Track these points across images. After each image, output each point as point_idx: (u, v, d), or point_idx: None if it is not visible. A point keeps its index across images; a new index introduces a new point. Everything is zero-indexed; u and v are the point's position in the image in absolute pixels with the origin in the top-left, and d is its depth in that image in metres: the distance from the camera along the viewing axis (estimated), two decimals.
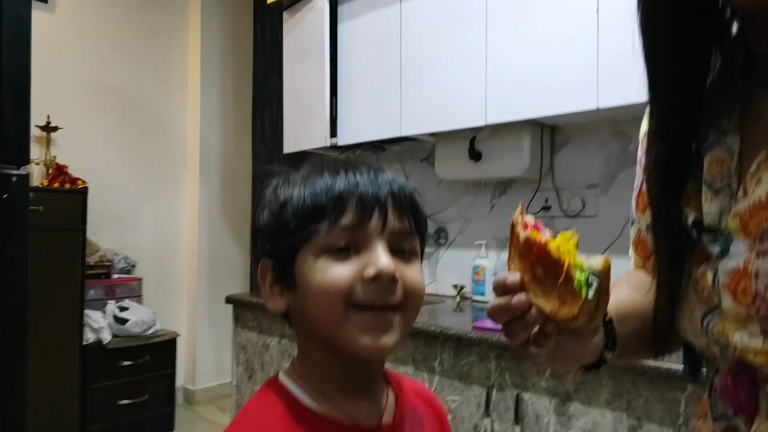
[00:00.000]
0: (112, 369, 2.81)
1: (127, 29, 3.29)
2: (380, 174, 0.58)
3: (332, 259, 0.54)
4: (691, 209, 0.55)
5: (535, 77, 1.82)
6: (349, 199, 0.55)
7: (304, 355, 0.60)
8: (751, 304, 0.47)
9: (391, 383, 0.64)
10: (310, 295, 0.55)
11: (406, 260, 0.57)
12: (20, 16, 1.19)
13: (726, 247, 0.50)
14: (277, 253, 0.57)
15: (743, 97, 0.54)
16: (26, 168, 1.19)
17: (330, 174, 0.57)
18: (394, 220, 0.56)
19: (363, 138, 2.38)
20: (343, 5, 2.43)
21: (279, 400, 0.57)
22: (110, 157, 3.21)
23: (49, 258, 2.56)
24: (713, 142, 0.54)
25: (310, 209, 0.55)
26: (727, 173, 0.52)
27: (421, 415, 0.64)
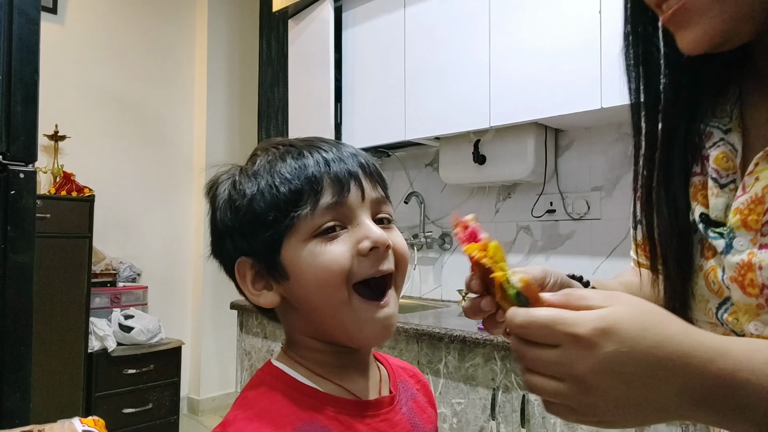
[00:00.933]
0: (117, 377, 2.81)
1: (135, 40, 3.34)
2: (343, 148, 0.58)
3: (323, 241, 0.54)
4: (698, 203, 0.56)
5: (538, 79, 1.83)
6: (323, 177, 0.54)
7: (296, 343, 0.59)
8: (759, 295, 0.49)
9: (380, 361, 0.65)
10: (308, 281, 0.54)
11: (387, 227, 0.58)
12: (30, 17, 1.21)
13: (730, 242, 0.51)
14: (258, 248, 0.56)
15: (743, 95, 0.56)
16: (33, 165, 1.21)
17: (294, 158, 0.56)
18: (369, 189, 0.57)
19: (368, 143, 2.40)
20: (347, 12, 2.46)
21: (278, 382, 0.56)
22: (117, 166, 3.24)
23: (56, 265, 2.57)
24: (718, 140, 0.56)
25: (286, 196, 0.54)
26: (732, 169, 0.54)
27: (411, 387, 0.65)
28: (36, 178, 1.21)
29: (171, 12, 3.53)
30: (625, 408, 0.40)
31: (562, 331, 0.40)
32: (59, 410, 2.56)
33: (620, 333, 0.39)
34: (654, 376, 0.39)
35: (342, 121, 2.47)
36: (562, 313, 0.40)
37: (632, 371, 0.39)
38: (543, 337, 0.41)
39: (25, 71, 1.19)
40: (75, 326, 2.66)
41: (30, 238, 1.19)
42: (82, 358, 2.69)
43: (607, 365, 0.39)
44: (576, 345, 0.39)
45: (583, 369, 0.39)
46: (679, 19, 0.49)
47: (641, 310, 0.41)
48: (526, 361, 0.42)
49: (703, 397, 0.39)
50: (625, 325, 0.39)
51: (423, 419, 0.62)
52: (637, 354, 0.38)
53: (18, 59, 1.17)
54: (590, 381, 0.39)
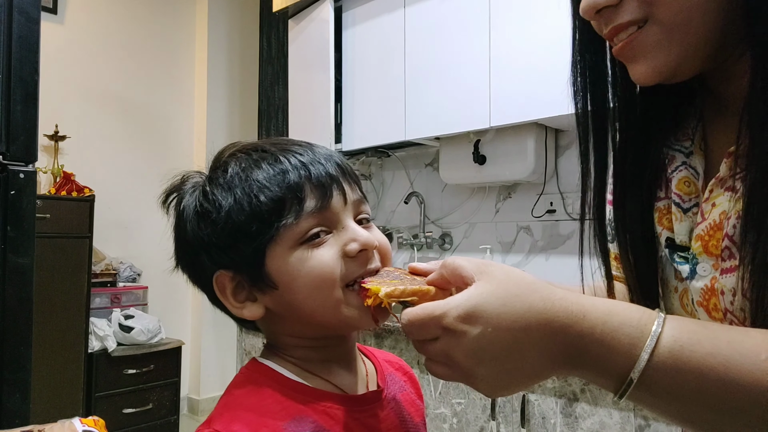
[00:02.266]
0: (117, 377, 2.80)
1: (135, 40, 3.34)
2: (316, 149, 0.57)
3: (310, 247, 0.53)
4: (663, 228, 0.57)
5: (538, 79, 1.83)
6: (305, 183, 0.53)
7: (280, 342, 0.59)
8: (723, 319, 0.50)
9: (366, 355, 0.66)
10: (299, 289, 0.53)
11: (368, 226, 0.58)
12: (30, 17, 1.21)
13: (694, 268, 0.52)
14: (239, 261, 0.54)
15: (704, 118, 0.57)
16: (33, 165, 1.21)
17: (270, 164, 0.54)
18: (350, 192, 0.56)
19: (368, 143, 2.40)
20: (347, 12, 2.46)
21: (265, 378, 0.55)
22: (117, 166, 3.23)
23: (56, 265, 2.57)
24: (680, 164, 0.56)
25: (269, 206, 0.52)
26: (694, 193, 0.55)
27: (398, 381, 0.66)
28: (36, 178, 1.21)
29: (171, 12, 3.53)
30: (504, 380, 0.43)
31: (435, 326, 0.43)
32: (59, 410, 2.56)
33: (483, 314, 0.42)
34: (520, 346, 0.42)
35: (342, 121, 2.47)
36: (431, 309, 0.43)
37: (500, 347, 0.42)
38: (425, 334, 0.44)
39: (25, 71, 1.19)
40: (75, 326, 2.66)
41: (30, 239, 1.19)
42: (82, 358, 2.68)
43: (477, 347, 0.42)
44: (449, 335, 0.43)
45: (459, 355, 0.42)
46: (628, 53, 0.50)
47: (504, 284, 0.43)
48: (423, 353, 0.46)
49: (568, 358, 0.42)
50: (486, 305, 0.42)
51: (411, 412, 0.62)
52: (501, 331, 0.42)
53: (18, 59, 1.17)
54: (467, 364, 0.43)
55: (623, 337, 0.41)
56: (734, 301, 0.48)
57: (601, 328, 0.41)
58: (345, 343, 0.60)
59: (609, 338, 0.41)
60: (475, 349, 0.42)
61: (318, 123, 2.49)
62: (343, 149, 2.47)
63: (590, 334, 0.41)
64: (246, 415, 0.52)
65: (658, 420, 1.31)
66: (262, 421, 0.51)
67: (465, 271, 0.45)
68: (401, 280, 0.52)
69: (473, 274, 0.44)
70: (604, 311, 0.42)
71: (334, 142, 2.44)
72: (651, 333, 0.41)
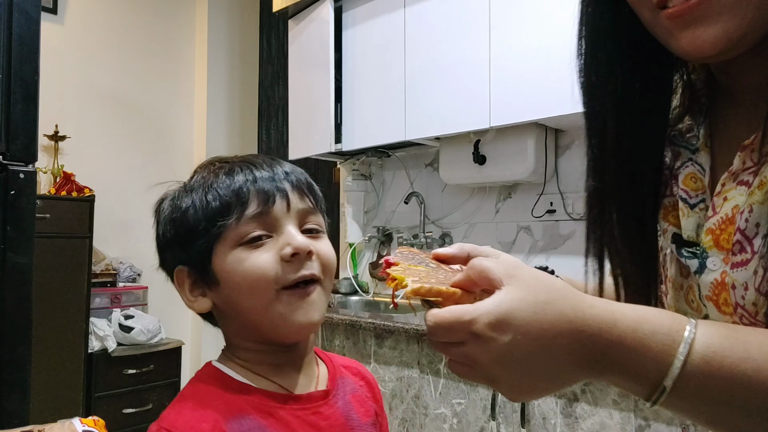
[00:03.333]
0: (117, 377, 2.80)
1: (135, 40, 3.34)
2: (275, 165, 0.64)
3: (248, 248, 0.59)
4: (669, 224, 0.57)
5: (538, 79, 1.83)
6: (250, 190, 0.60)
7: (234, 345, 0.64)
8: (733, 313, 0.49)
9: (322, 359, 0.70)
10: (236, 287, 0.59)
11: (315, 236, 0.63)
12: (30, 17, 1.21)
13: (703, 262, 0.52)
14: (191, 257, 0.61)
15: (710, 115, 0.56)
16: (33, 165, 1.21)
17: (226, 174, 0.62)
18: (296, 201, 0.62)
19: (368, 143, 2.39)
20: (347, 12, 2.46)
21: (213, 379, 0.61)
22: (117, 166, 3.23)
23: (56, 265, 2.57)
24: (686, 160, 0.56)
25: (215, 208, 0.59)
26: (701, 189, 0.54)
27: (352, 383, 0.69)
28: (36, 178, 1.21)
29: (171, 12, 3.53)
30: (528, 385, 0.43)
31: (463, 331, 0.42)
32: (59, 410, 2.56)
33: (513, 322, 0.41)
34: (549, 354, 0.42)
35: (342, 121, 2.47)
36: (459, 313, 0.42)
37: (528, 354, 0.41)
38: (450, 337, 0.43)
39: (25, 71, 1.19)
40: (75, 326, 2.66)
41: (30, 239, 1.19)
42: (82, 358, 2.68)
43: (504, 354, 0.41)
44: (476, 340, 0.42)
45: (485, 360, 0.42)
46: (697, 15, 0.44)
47: (534, 290, 0.43)
48: (445, 352, 0.45)
49: (597, 366, 0.42)
50: (517, 312, 0.41)
51: (360, 412, 0.66)
52: (531, 338, 0.41)
53: (18, 58, 1.17)
54: (492, 370, 0.42)
55: (655, 345, 0.41)
56: (746, 296, 0.47)
57: (632, 336, 0.41)
58: (294, 349, 0.64)
59: (641, 346, 0.41)
60: (502, 356, 0.42)
61: (318, 123, 2.49)
62: (343, 149, 2.46)
63: (621, 343, 0.41)
64: (190, 412, 0.57)
65: (658, 420, 1.31)
66: (204, 415, 0.56)
67: (493, 274, 0.44)
68: (426, 265, 0.52)
69: (502, 277, 0.43)
70: (634, 319, 0.42)
71: (334, 142, 2.44)
72: (683, 339, 0.40)
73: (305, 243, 0.59)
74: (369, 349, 1.86)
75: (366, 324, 1.86)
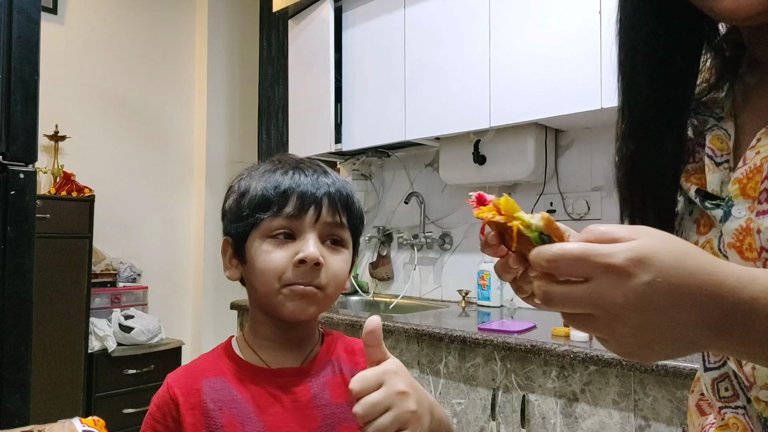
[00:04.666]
0: (117, 377, 2.80)
1: (135, 40, 3.34)
2: (322, 175, 0.72)
3: (273, 244, 0.68)
4: (692, 184, 0.59)
5: (538, 79, 1.83)
6: (292, 194, 0.68)
7: (251, 317, 0.75)
8: (758, 258, 0.50)
9: (324, 342, 0.76)
10: (254, 271, 0.69)
11: (334, 248, 0.71)
12: (30, 17, 1.21)
13: (728, 210, 0.53)
14: (234, 234, 0.72)
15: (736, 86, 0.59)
16: (33, 165, 1.21)
17: (281, 173, 0.70)
18: (326, 214, 0.69)
19: (367, 143, 2.39)
20: (347, 12, 2.46)
21: (221, 350, 0.74)
22: (117, 166, 3.23)
23: (56, 265, 2.57)
24: (712, 126, 0.58)
25: (259, 200, 0.69)
26: (726, 150, 0.56)
27: (343, 365, 0.75)
28: (36, 179, 1.21)
29: (171, 12, 3.52)
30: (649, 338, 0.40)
31: (596, 262, 0.38)
32: (59, 410, 2.56)
33: (656, 263, 0.38)
34: (683, 304, 0.39)
35: (342, 121, 2.47)
36: (592, 245, 0.39)
37: (664, 301, 0.38)
38: (575, 270, 0.39)
39: (25, 71, 1.19)
40: (75, 326, 2.66)
41: (30, 239, 1.19)
42: (82, 358, 2.68)
43: (642, 295, 0.38)
44: (610, 275, 0.38)
45: (617, 299, 0.38)
46: None
47: (671, 240, 0.40)
48: (556, 299, 0.41)
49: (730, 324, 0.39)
50: (659, 255, 0.39)
51: (334, 394, 0.72)
52: (671, 284, 0.38)
53: (18, 59, 1.17)
54: (621, 311, 0.39)
55: None
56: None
57: None
58: (293, 328, 0.72)
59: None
60: (638, 296, 0.38)
61: (318, 123, 2.49)
62: (343, 149, 2.46)
63: (762, 298, 0.39)
64: (185, 370, 0.72)
65: (658, 420, 1.31)
66: (193, 373, 0.71)
67: (617, 234, 0.40)
68: None
69: (630, 233, 0.40)
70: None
71: (334, 142, 2.44)
72: None
73: (315, 254, 0.66)
74: None
75: None
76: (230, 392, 0.69)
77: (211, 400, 0.68)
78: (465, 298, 2.28)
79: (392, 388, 0.55)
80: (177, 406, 0.68)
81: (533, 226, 0.43)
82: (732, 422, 0.56)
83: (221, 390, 0.69)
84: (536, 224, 0.43)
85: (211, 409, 0.67)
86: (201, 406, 0.68)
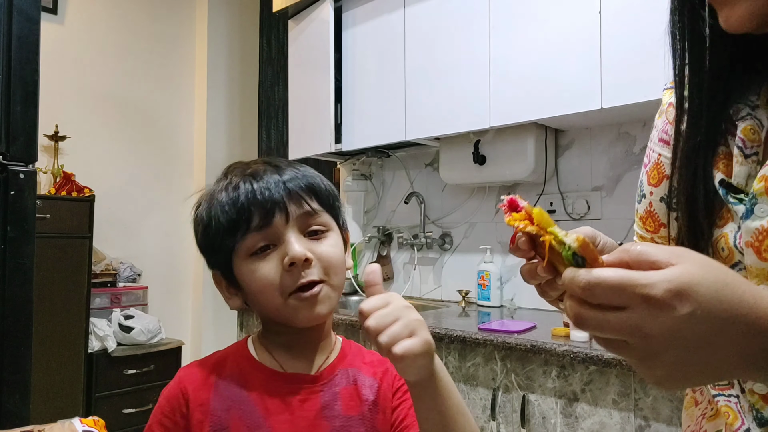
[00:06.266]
0: (117, 377, 2.80)
1: (135, 40, 3.34)
2: (273, 173, 0.69)
3: (257, 260, 0.67)
4: (718, 171, 0.57)
5: (538, 79, 1.83)
6: (251, 206, 0.66)
7: (264, 325, 0.74)
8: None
9: (342, 350, 0.76)
10: (252, 292, 0.68)
11: (318, 237, 0.69)
12: (30, 17, 1.21)
13: (751, 208, 0.52)
14: (218, 265, 0.71)
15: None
16: (33, 165, 1.21)
17: (232, 188, 0.68)
18: (294, 209, 0.67)
19: (368, 143, 2.39)
20: (347, 12, 2.46)
21: (235, 349, 0.73)
22: (117, 166, 3.23)
23: (56, 266, 2.56)
24: (746, 115, 0.57)
25: (225, 226, 0.67)
26: (757, 141, 0.55)
27: (358, 376, 0.73)
28: (36, 179, 1.21)
29: (171, 12, 3.52)
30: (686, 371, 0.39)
31: (634, 293, 0.37)
32: (59, 410, 2.56)
33: (696, 296, 0.37)
34: (722, 338, 0.38)
35: (342, 121, 2.47)
36: (630, 273, 0.38)
37: (703, 336, 0.38)
38: (610, 299, 0.38)
39: (25, 71, 1.19)
40: (75, 326, 2.65)
41: (30, 239, 1.19)
42: (82, 358, 2.68)
43: (681, 328, 0.37)
44: (648, 307, 0.37)
45: (654, 331, 0.38)
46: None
47: (712, 269, 0.39)
48: (589, 324, 0.40)
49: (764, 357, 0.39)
50: (700, 287, 0.37)
51: (347, 406, 0.70)
52: (711, 318, 0.37)
53: (18, 59, 1.17)
54: (658, 346, 0.38)
55: None
56: None
57: None
58: (310, 331, 0.72)
59: None
60: (677, 329, 0.37)
61: (318, 123, 2.49)
62: (343, 149, 2.46)
63: None
64: (198, 365, 0.71)
65: (658, 420, 1.31)
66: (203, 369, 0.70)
67: (655, 256, 0.39)
68: None
69: (668, 257, 0.39)
70: None
71: (334, 142, 2.44)
72: None
73: (301, 252, 0.65)
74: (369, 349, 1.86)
75: None
76: (240, 393, 0.68)
77: (220, 399, 0.67)
78: (465, 298, 2.28)
79: (398, 304, 0.57)
80: (187, 402, 0.67)
81: (567, 246, 0.42)
82: (724, 410, 0.56)
83: (232, 390, 0.68)
84: (570, 244, 0.42)
85: (219, 409, 0.67)
86: (209, 404, 0.67)
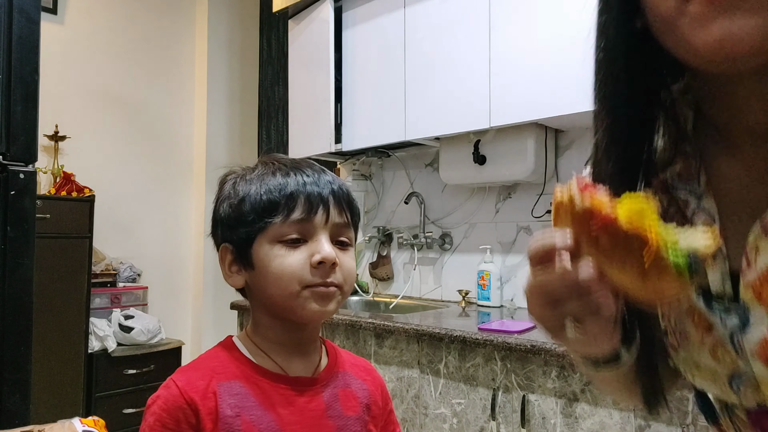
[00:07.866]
0: (117, 377, 2.80)
1: (135, 40, 3.34)
2: (322, 175, 0.71)
3: (286, 247, 0.67)
4: None
5: (538, 79, 1.83)
6: (299, 197, 0.68)
7: (255, 321, 0.73)
8: None
9: (329, 352, 0.77)
10: (268, 276, 0.67)
11: (343, 249, 0.71)
12: (30, 17, 1.21)
13: (745, 318, 0.49)
14: (236, 240, 0.70)
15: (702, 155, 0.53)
16: (33, 165, 1.21)
17: (282, 175, 0.69)
18: (335, 215, 0.70)
19: (367, 143, 2.39)
20: (347, 12, 2.46)
21: (226, 352, 0.71)
22: (117, 166, 3.23)
23: (56, 265, 2.57)
24: (696, 209, 0.53)
25: (266, 205, 0.67)
26: None
27: (349, 379, 0.75)
28: (36, 179, 1.21)
29: (171, 12, 3.52)
30: None
31: None
32: (59, 410, 2.56)
33: None
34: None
35: (342, 121, 2.47)
36: None
37: None
38: None
39: (25, 71, 1.19)
40: (75, 326, 2.66)
41: (30, 239, 1.19)
42: (82, 358, 2.68)
43: None
44: None
45: None
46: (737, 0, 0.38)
47: None
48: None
49: None
50: None
51: (345, 406, 0.72)
52: None
53: (18, 59, 1.17)
54: None
55: None
56: None
57: None
58: (303, 329, 0.72)
59: None
60: None
61: (318, 123, 2.49)
62: (343, 149, 2.46)
63: None
64: (193, 372, 0.68)
65: (658, 420, 1.31)
66: (204, 375, 0.67)
67: None
68: None
69: None
70: None
71: (334, 142, 2.44)
72: None
73: (332, 254, 0.67)
74: (369, 348, 1.86)
75: (366, 324, 1.86)
76: (248, 398, 0.67)
77: (228, 406, 0.65)
78: (465, 298, 2.28)
79: None
80: (197, 413, 0.64)
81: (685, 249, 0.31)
82: None
83: (238, 395, 0.66)
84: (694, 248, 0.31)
85: (229, 415, 0.65)
86: (217, 411, 0.65)
